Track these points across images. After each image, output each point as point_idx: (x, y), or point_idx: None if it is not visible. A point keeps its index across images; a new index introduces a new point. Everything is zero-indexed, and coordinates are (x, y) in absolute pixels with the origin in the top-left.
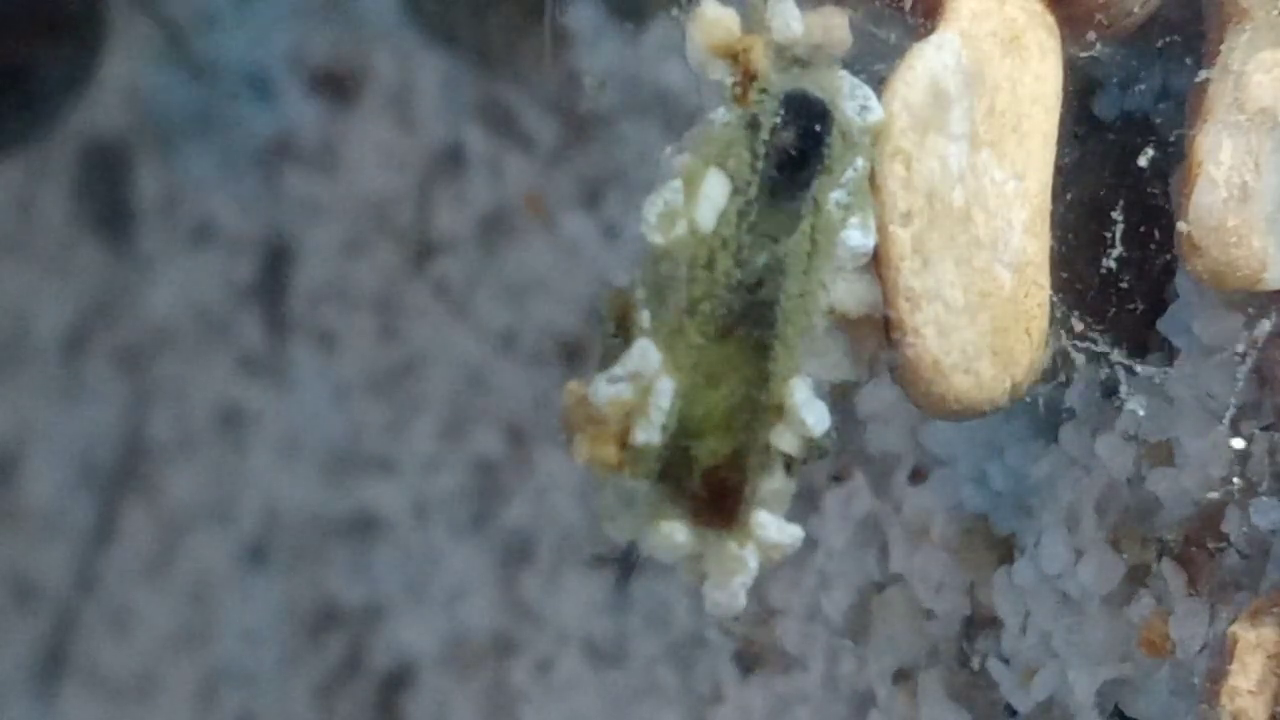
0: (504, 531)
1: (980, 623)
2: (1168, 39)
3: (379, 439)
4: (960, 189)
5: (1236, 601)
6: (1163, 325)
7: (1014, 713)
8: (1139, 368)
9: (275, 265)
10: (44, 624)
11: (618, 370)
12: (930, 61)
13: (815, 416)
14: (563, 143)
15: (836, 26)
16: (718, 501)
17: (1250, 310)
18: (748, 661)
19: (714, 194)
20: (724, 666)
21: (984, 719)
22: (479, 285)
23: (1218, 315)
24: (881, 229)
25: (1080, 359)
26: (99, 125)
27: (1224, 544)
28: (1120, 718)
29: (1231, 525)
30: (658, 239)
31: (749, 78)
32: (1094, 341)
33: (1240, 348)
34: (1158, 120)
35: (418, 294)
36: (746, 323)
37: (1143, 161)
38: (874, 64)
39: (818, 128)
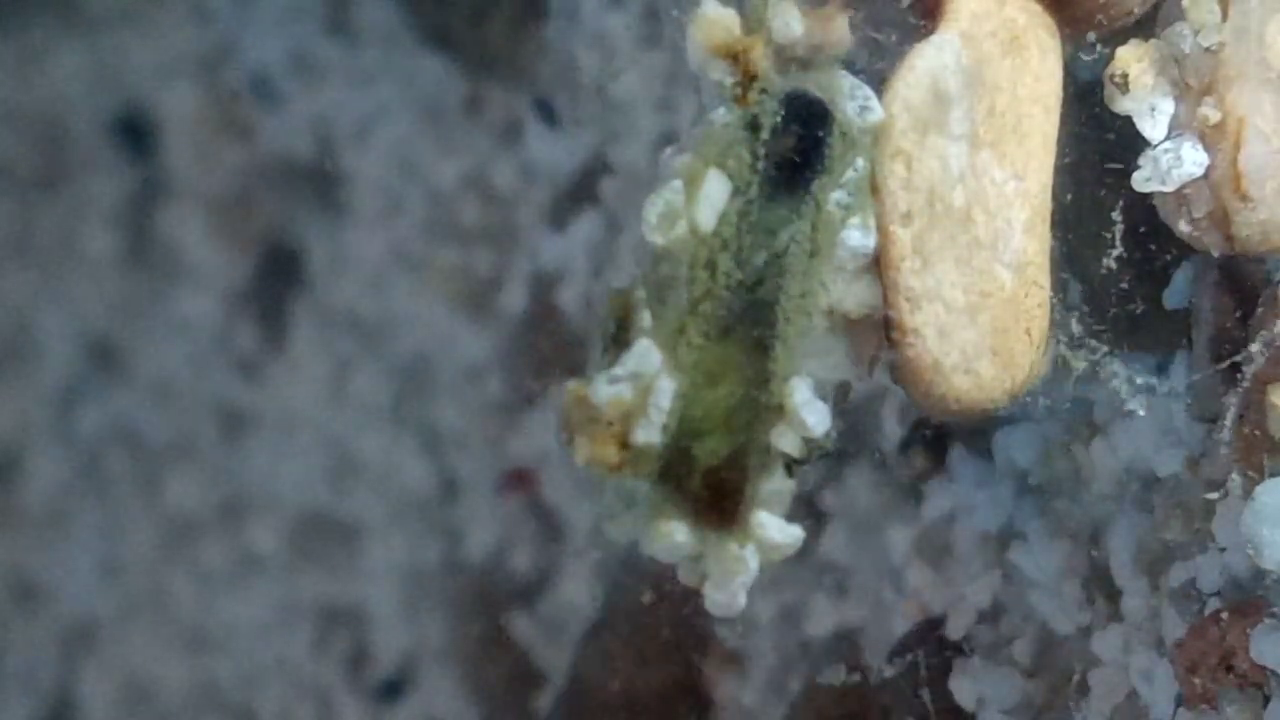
0: None
1: None
2: None
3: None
4: (960, 189)
5: None
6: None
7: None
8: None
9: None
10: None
11: (618, 370)
12: (930, 62)
13: (815, 416)
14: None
15: (836, 26)
16: (718, 501)
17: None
18: None
19: (714, 194)
20: None
21: None
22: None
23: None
24: (881, 229)
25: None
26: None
27: None
28: None
29: None
30: (658, 239)
31: (749, 78)
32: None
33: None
34: None
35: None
36: (746, 323)
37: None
38: (874, 64)
39: (818, 128)
